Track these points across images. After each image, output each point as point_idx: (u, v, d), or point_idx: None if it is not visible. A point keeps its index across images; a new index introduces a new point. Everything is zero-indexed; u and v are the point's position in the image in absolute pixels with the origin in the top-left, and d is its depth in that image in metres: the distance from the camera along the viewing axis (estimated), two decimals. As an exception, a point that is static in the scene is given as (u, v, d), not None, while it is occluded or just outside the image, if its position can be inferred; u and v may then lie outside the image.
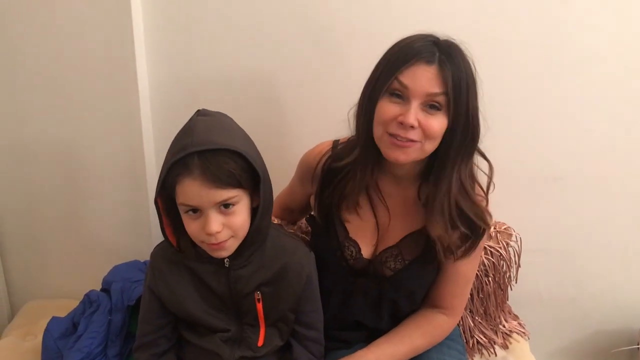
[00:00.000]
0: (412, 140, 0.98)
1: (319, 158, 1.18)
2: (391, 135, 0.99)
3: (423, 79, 0.95)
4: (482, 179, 1.12)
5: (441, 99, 0.96)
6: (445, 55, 0.96)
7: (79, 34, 1.37)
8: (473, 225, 1.07)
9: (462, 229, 1.06)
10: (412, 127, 0.96)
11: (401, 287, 1.14)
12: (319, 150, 1.19)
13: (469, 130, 0.99)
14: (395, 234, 1.15)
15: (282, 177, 1.26)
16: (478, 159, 1.10)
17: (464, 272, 1.16)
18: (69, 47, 1.38)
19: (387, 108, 0.99)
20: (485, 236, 1.12)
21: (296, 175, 1.28)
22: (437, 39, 1.00)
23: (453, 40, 1.01)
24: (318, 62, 1.44)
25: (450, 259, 1.10)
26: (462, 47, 1.00)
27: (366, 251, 1.15)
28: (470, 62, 1.00)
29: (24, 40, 1.38)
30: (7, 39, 1.38)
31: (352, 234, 1.15)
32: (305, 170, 1.22)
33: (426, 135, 0.98)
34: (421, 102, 0.96)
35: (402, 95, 0.98)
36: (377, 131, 1.02)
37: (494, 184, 1.11)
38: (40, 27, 1.36)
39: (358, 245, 1.15)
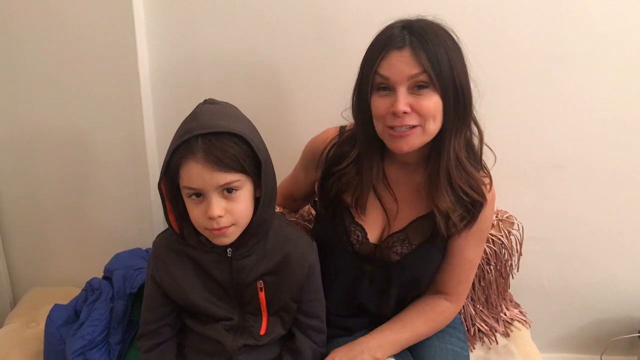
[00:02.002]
0: (412, 127, 0.99)
1: (325, 145, 1.17)
2: (390, 127, 1.00)
3: (399, 64, 0.96)
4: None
5: (424, 77, 0.96)
6: (416, 36, 0.96)
7: (80, 20, 1.35)
8: (471, 196, 1.07)
9: (465, 198, 1.06)
10: (405, 112, 0.97)
11: (407, 271, 1.14)
12: (326, 136, 1.19)
13: (459, 101, 0.99)
14: (403, 219, 1.15)
15: (283, 165, 1.25)
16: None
17: (470, 258, 1.17)
18: (69, 34, 1.37)
19: (378, 104, 1.00)
20: (485, 208, 1.11)
21: (301, 161, 1.28)
22: (408, 21, 1.00)
23: (424, 17, 1.01)
24: (321, 48, 1.43)
25: (455, 233, 1.11)
26: (437, 20, 1.01)
27: (372, 236, 1.16)
28: (450, 33, 1.01)
29: (24, 28, 1.37)
30: (7, 26, 1.37)
31: (357, 219, 1.15)
32: (311, 157, 1.21)
33: (423, 116, 0.98)
34: (407, 86, 0.97)
35: (387, 87, 0.99)
36: (378, 127, 1.03)
37: (494, 155, 1.11)
38: (40, 14, 1.35)
39: (364, 230, 1.15)
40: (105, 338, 1.22)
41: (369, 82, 1.00)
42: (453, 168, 1.03)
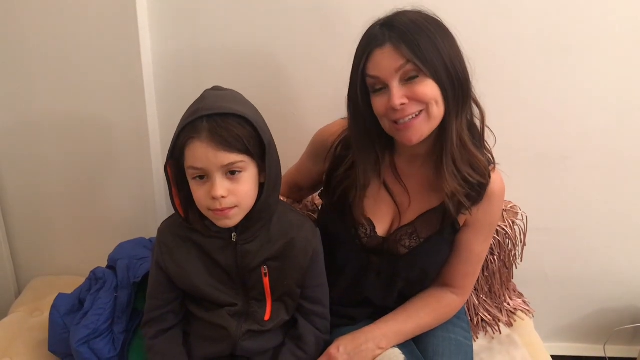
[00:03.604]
0: (416, 115, 0.99)
1: (334, 138, 1.17)
2: (395, 122, 1.01)
3: (384, 61, 0.97)
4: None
5: (410, 67, 0.96)
6: (395, 30, 0.96)
7: (83, 8, 1.35)
8: (474, 177, 1.07)
9: (470, 179, 1.06)
10: (403, 104, 0.97)
11: (415, 265, 1.14)
12: (335, 129, 1.19)
13: (455, 81, 0.99)
14: (412, 212, 1.15)
15: (287, 156, 1.24)
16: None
17: (478, 251, 1.17)
18: (72, 23, 1.36)
19: (378, 104, 1.01)
20: (493, 199, 1.11)
21: (308, 151, 1.27)
22: (387, 18, 1.00)
23: (403, 10, 1.01)
24: (325, 38, 1.42)
25: (465, 213, 1.10)
26: (417, 9, 1.01)
27: (381, 229, 1.16)
28: (432, 17, 1.00)
29: (27, 17, 1.36)
30: (10, 15, 1.37)
31: (367, 213, 1.15)
32: (320, 148, 1.21)
33: (422, 101, 0.98)
34: (398, 79, 0.97)
35: (381, 86, 0.99)
36: (384, 125, 1.04)
37: (494, 137, 1.10)
38: (43, 2, 1.35)
39: (373, 224, 1.15)
40: (109, 327, 1.22)
41: (360, 83, 1.01)
42: (456, 150, 1.03)
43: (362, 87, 1.02)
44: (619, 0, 1.37)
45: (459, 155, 1.04)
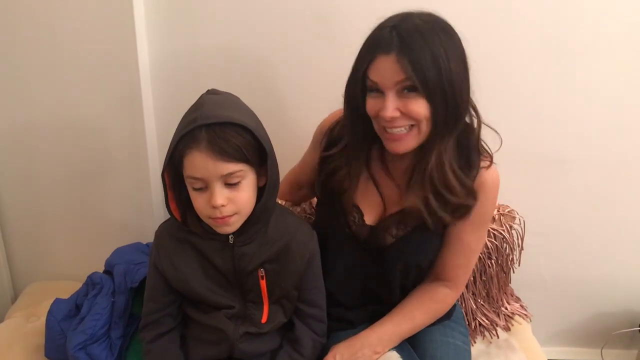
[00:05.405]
0: (410, 128, 0.99)
1: (332, 123, 1.18)
2: (385, 129, 1.00)
3: (386, 70, 0.95)
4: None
5: (409, 83, 0.95)
6: (403, 39, 0.94)
7: (79, 12, 1.35)
8: (448, 199, 1.05)
9: (439, 203, 1.04)
10: (394, 117, 0.97)
11: (403, 254, 1.14)
12: (333, 117, 1.20)
13: (449, 105, 0.97)
14: (401, 202, 1.14)
15: (284, 159, 1.24)
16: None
17: (468, 242, 1.15)
18: (69, 27, 1.37)
19: (371, 105, 1.01)
20: (483, 193, 1.08)
21: (310, 144, 1.28)
22: (399, 19, 0.98)
23: (419, 12, 0.99)
24: (322, 41, 1.42)
25: (442, 224, 1.09)
26: (433, 15, 0.98)
27: (369, 218, 1.15)
28: (444, 29, 0.98)
29: (23, 22, 1.36)
30: (6, 21, 1.37)
31: (355, 201, 1.15)
32: (319, 136, 1.22)
33: (413, 119, 0.98)
34: (395, 90, 0.96)
35: (378, 89, 0.98)
36: (375, 125, 1.04)
37: (500, 138, 1.10)
38: (39, 7, 1.35)
39: (361, 212, 1.15)
40: (106, 332, 1.22)
41: (360, 82, 1.01)
42: (434, 170, 1.02)
43: (362, 84, 1.01)
44: (618, 3, 1.38)
45: (436, 176, 1.02)
